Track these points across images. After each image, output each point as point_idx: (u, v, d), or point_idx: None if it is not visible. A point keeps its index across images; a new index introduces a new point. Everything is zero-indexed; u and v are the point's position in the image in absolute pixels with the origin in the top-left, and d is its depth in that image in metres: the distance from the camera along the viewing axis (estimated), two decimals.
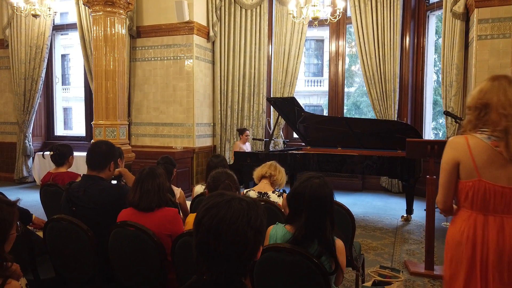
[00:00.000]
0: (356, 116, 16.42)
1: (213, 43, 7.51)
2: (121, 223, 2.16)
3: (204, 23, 7.21)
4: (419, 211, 5.37)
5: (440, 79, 6.26)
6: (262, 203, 2.64)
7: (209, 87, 7.47)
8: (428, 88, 7.03)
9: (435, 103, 13.13)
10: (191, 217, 2.34)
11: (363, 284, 2.76)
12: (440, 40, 6.35)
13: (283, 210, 2.71)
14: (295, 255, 1.73)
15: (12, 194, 6.91)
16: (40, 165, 7.62)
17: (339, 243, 1.88)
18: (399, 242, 4.36)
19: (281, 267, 1.76)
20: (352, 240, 2.66)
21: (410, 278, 3.38)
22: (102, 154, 2.58)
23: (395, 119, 6.59)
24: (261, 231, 1.15)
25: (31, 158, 8.01)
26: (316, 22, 5.79)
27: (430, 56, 7.03)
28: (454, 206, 1.87)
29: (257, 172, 3.04)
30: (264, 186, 2.95)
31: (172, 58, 7.04)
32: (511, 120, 1.61)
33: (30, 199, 6.04)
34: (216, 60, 7.50)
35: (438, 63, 9.53)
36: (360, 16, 6.73)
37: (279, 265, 1.76)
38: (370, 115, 16.61)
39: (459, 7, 5.50)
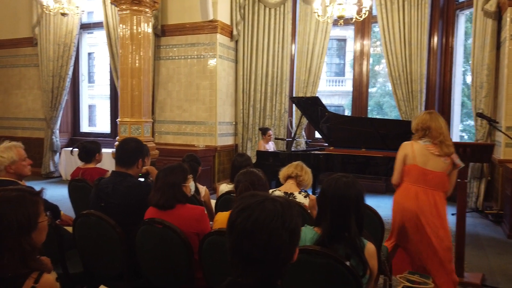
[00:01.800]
0: (379, 117, 16.17)
1: (236, 42, 7.51)
2: (149, 220, 2.17)
3: (227, 22, 7.22)
4: (448, 215, 5.21)
5: (469, 80, 6.07)
6: None
7: (231, 86, 7.48)
8: (457, 90, 6.83)
9: (462, 104, 12.81)
10: (220, 216, 2.32)
11: None
12: (470, 40, 6.16)
13: (309, 211, 2.67)
14: (325, 257, 1.69)
15: (39, 188, 7.10)
16: (66, 160, 7.81)
17: (370, 246, 1.83)
18: None
19: (311, 269, 1.73)
20: (381, 243, 2.60)
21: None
22: (131, 151, 2.61)
23: None
24: (297, 232, 1.11)
25: (58, 153, 8.20)
26: (341, 21, 5.72)
27: (459, 57, 6.83)
28: None
29: (283, 172, 3.00)
30: (290, 186, 2.92)
31: (195, 56, 7.07)
32: (442, 136, 2.79)
33: (56, 194, 6.18)
34: (239, 59, 7.50)
35: (466, 64, 9.26)
36: (387, 15, 6.60)
37: (308, 267, 1.73)
38: (393, 115, 16.31)
39: (491, 6, 5.33)
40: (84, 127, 9.11)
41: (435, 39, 6.72)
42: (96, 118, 22.30)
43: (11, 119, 8.83)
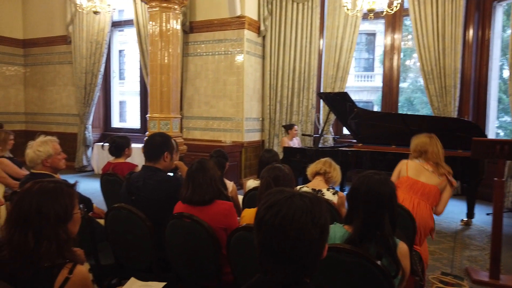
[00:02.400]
0: (409, 113, 15.72)
1: (264, 37, 7.48)
2: (178, 215, 2.19)
3: (255, 17, 7.19)
4: (481, 215, 5.04)
5: (506, 75, 5.79)
6: None
7: (258, 81, 7.46)
8: (493, 84, 6.53)
9: (498, 100, 12.26)
10: (246, 212, 2.32)
11: None
12: (508, 33, 5.87)
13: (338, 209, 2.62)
14: (356, 256, 1.65)
15: (73, 181, 7.34)
16: (99, 155, 8.04)
17: (402, 246, 1.77)
18: (459, 247, 4.10)
19: (341, 269, 1.69)
20: (413, 242, 2.52)
21: (473, 286, 3.16)
22: (156, 145, 2.65)
23: (456, 117, 6.20)
24: (326, 227, 1.09)
25: (90, 148, 8.46)
26: (371, 14, 5.57)
27: (496, 50, 6.52)
28: None
29: (311, 169, 2.96)
30: (318, 183, 2.87)
31: (223, 53, 7.09)
32: (438, 160, 3.02)
33: (89, 187, 6.37)
34: (266, 54, 7.47)
35: (504, 58, 8.84)
36: (419, 8, 6.38)
37: (338, 266, 1.69)
38: (424, 111, 15.81)
39: None
40: (115, 123, 9.34)
41: (471, 32, 6.44)
42: (127, 114, 22.85)
43: (46, 115, 9.18)
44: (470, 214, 4.83)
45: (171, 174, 2.87)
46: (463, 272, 3.43)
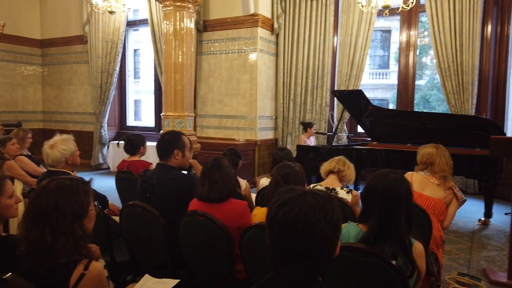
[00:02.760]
0: (425, 111, 15.49)
1: (277, 35, 7.45)
2: (192, 212, 2.21)
3: (268, 15, 7.18)
4: (499, 215, 4.92)
5: None
6: None
7: (272, 80, 7.44)
8: None
9: None
10: (258, 210, 2.32)
11: None
12: None
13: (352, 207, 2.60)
14: (370, 256, 1.63)
15: (88, 179, 7.46)
16: (114, 153, 8.16)
17: (418, 245, 1.75)
18: (476, 247, 4.02)
19: (355, 268, 1.68)
20: (429, 242, 2.48)
21: (490, 287, 3.10)
22: (165, 143, 2.67)
23: (473, 114, 6.08)
24: (339, 225, 1.09)
25: (106, 146, 8.58)
26: (386, 11, 5.51)
27: None
28: None
29: (325, 167, 2.94)
30: (331, 181, 2.85)
31: (236, 51, 7.10)
32: (444, 173, 2.87)
33: (105, 185, 6.45)
34: (279, 52, 7.44)
35: None
36: (436, 3, 6.27)
37: (352, 266, 1.68)
38: (441, 109, 15.55)
39: None
40: (130, 121, 9.45)
41: (489, 27, 6.30)
42: (142, 112, 23.08)
43: (63, 113, 9.35)
44: (488, 213, 4.73)
45: (185, 172, 2.89)
46: (480, 272, 3.36)
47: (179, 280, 1.84)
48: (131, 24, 8.97)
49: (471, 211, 5.36)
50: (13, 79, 9.06)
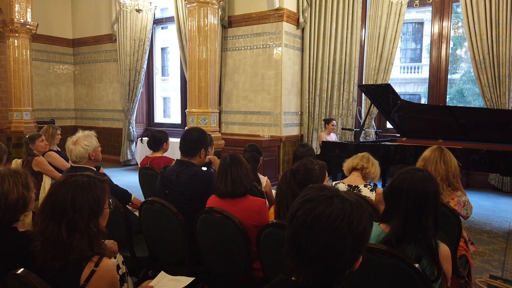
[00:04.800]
0: (460, 105, 14.88)
1: (303, 29, 7.33)
2: (209, 209, 2.18)
3: (294, 9, 7.06)
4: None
5: None
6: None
7: (297, 75, 7.34)
8: None
9: None
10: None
11: None
12: None
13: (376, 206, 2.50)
14: (392, 258, 1.55)
15: (117, 175, 7.64)
16: (142, 149, 8.29)
17: (444, 248, 1.64)
18: (511, 248, 3.80)
19: (375, 270, 1.59)
20: (458, 244, 2.35)
21: None
22: (193, 141, 2.65)
23: (510, 108, 5.76)
24: (364, 238, 1.00)
25: (134, 143, 8.76)
26: (417, 1, 5.29)
27: None
28: None
29: (348, 164, 2.85)
30: (355, 179, 2.76)
31: (261, 46, 7.04)
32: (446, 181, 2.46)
33: (132, 181, 6.58)
34: (305, 47, 7.32)
35: None
36: None
37: (372, 268, 1.60)
38: (476, 104, 14.88)
39: None
40: (158, 118, 9.61)
41: None
42: (170, 109, 23.48)
43: (94, 111, 9.62)
44: None
45: (205, 168, 2.87)
46: None
47: (194, 278, 1.82)
48: (158, 22, 9.09)
49: (506, 210, 5.09)
50: (47, 78, 9.40)
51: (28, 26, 7.56)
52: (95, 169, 2.79)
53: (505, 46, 5.78)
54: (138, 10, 6.97)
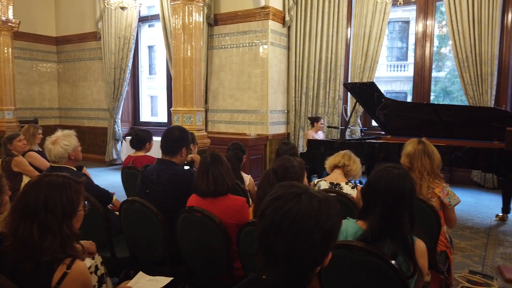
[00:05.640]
0: (445, 103, 15.07)
1: (289, 28, 7.33)
2: (189, 209, 2.17)
3: (280, 7, 7.06)
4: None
5: None
6: (334, 194, 2.47)
7: (283, 73, 7.34)
8: None
9: None
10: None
11: None
12: None
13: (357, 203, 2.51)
14: (369, 255, 1.55)
15: (102, 175, 7.56)
16: (128, 149, 8.21)
17: (419, 244, 1.66)
18: (492, 244, 3.86)
19: (352, 267, 1.60)
20: (437, 240, 2.38)
21: (505, 286, 2.96)
22: (174, 139, 2.62)
23: (492, 106, 5.85)
24: (332, 234, 1.00)
25: (120, 142, 8.66)
26: (401, 0, 5.33)
27: None
28: None
29: (330, 162, 2.86)
30: (336, 176, 2.77)
31: (247, 44, 7.02)
32: (421, 180, 2.45)
33: (117, 180, 6.48)
34: (291, 45, 7.33)
35: None
36: None
37: (350, 264, 1.61)
38: (462, 102, 15.10)
39: None
40: (145, 117, 9.51)
41: (509, 15, 6.04)
42: (158, 108, 23.32)
43: (78, 110, 9.48)
44: (506, 208, 4.55)
45: (187, 167, 2.85)
46: (495, 270, 3.23)
47: (172, 278, 1.81)
48: (143, 19, 9.00)
49: (488, 206, 5.18)
50: (30, 76, 9.24)
51: (10, 24, 7.42)
52: (75, 169, 2.75)
53: (487, 45, 5.87)
54: (122, 8, 6.89)
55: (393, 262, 1.52)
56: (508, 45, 6.05)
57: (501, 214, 4.62)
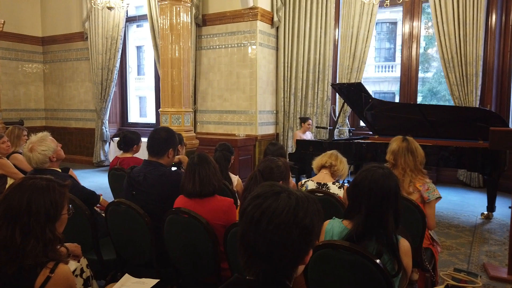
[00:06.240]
0: (433, 103, 15.26)
1: (277, 28, 7.35)
2: (176, 210, 2.16)
3: (268, 8, 7.08)
4: (503, 208, 4.82)
5: None
6: (321, 194, 2.49)
7: (272, 74, 7.36)
8: None
9: None
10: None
11: None
12: None
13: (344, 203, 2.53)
14: (354, 254, 1.57)
15: (89, 176, 7.48)
16: (116, 150, 8.14)
17: (404, 243, 1.68)
18: (477, 242, 3.93)
19: (338, 266, 1.62)
20: (422, 238, 2.41)
21: (490, 283, 3.02)
22: (161, 140, 2.60)
23: (477, 106, 5.95)
24: (310, 231, 1.00)
25: (108, 143, 8.58)
26: (387, 1, 5.39)
27: None
28: None
29: (317, 162, 2.88)
30: (323, 176, 2.79)
31: (236, 45, 7.02)
32: (405, 176, 2.56)
33: (105, 182, 6.42)
34: (280, 46, 7.35)
35: None
36: None
37: (335, 264, 1.62)
38: (449, 102, 15.30)
39: None
40: (133, 118, 9.43)
41: (494, 17, 6.14)
42: (147, 109, 23.13)
43: (65, 111, 9.36)
44: (491, 207, 4.63)
45: (174, 168, 2.84)
46: (480, 268, 3.29)
47: (158, 280, 1.80)
48: (131, 20, 8.93)
49: (474, 205, 5.26)
50: (15, 77, 9.09)
51: None
52: (60, 170, 2.72)
53: (472, 46, 5.96)
54: (109, 8, 6.82)
55: (378, 261, 1.53)
56: (492, 46, 6.16)
57: (486, 213, 4.70)
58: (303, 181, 2.87)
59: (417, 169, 2.58)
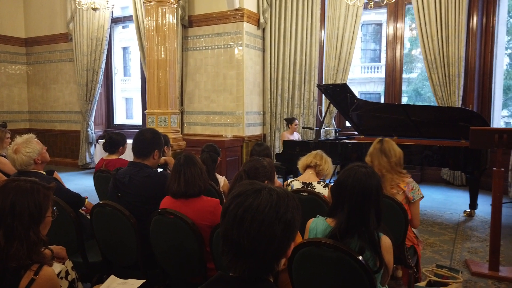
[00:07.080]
0: (418, 104, 15.49)
1: (264, 30, 7.39)
2: (161, 211, 2.16)
3: (254, 9, 7.11)
4: (484, 206, 4.93)
5: None
6: (306, 193, 2.52)
7: (259, 75, 7.39)
8: (498, 72, 6.37)
9: (508, 88, 11.97)
10: None
11: (416, 284, 2.56)
12: None
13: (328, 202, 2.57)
14: (337, 251, 1.60)
15: (74, 179, 7.39)
16: (101, 152, 8.06)
17: (385, 240, 1.72)
18: (460, 239, 4.02)
19: (322, 263, 1.65)
20: (405, 236, 2.46)
21: (471, 279, 3.09)
22: (146, 142, 2.60)
23: (459, 106, 6.08)
24: (291, 226, 1.04)
25: (93, 145, 8.49)
26: (371, 3, 5.47)
27: (501, 37, 6.36)
28: None
29: (302, 162, 2.91)
30: (308, 176, 2.82)
31: (222, 46, 7.03)
32: (391, 170, 2.61)
33: (90, 184, 6.36)
34: (266, 47, 7.39)
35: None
36: None
37: (319, 261, 1.65)
38: (433, 102, 15.54)
39: None
40: (120, 119, 9.35)
41: (475, 19, 6.28)
42: (133, 110, 22.95)
43: (49, 113, 9.23)
44: (473, 205, 4.74)
45: (161, 169, 2.84)
46: (463, 264, 3.36)
47: (144, 281, 1.80)
48: (116, 20, 8.86)
49: (457, 203, 5.37)
50: None
51: None
52: (44, 173, 2.69)
53: (454, 47, 6.09)
54: (94, 9, 6.77)
55: (360, 257, 1.57)
56: (473, 47, 6.29)
57: (469, 210, 4.80)
58: (288, 180, 2.90)
59: (393, 170, 2.61)
